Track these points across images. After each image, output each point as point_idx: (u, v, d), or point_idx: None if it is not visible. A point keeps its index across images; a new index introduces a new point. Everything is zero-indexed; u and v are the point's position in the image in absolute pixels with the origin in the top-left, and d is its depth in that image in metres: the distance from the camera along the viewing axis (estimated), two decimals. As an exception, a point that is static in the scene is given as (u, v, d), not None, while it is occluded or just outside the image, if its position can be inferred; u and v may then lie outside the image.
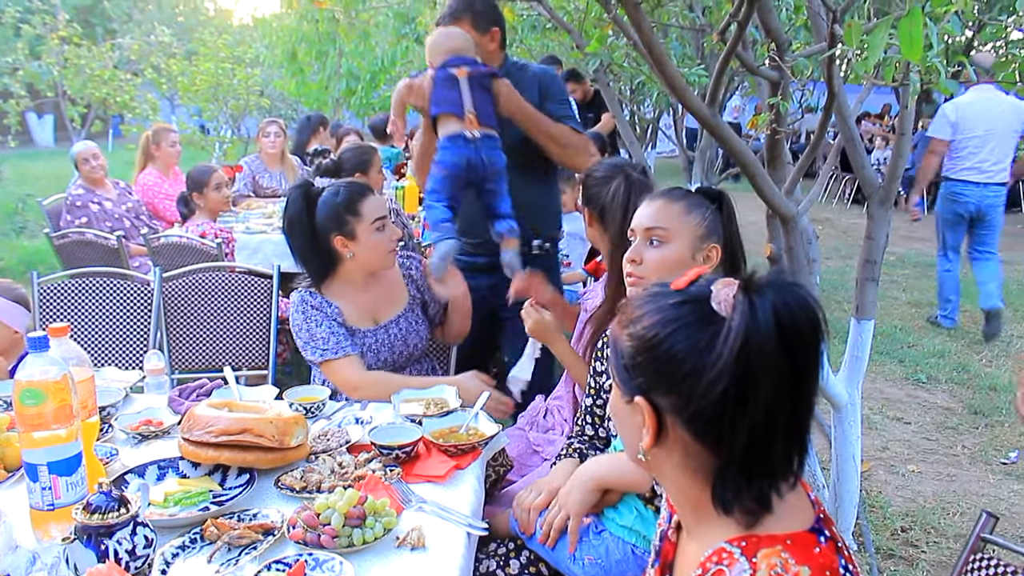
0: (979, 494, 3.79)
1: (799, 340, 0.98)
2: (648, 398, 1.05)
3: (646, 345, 1.04)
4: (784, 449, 1.02)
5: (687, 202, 1.99)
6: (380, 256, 2.65)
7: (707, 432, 1.02)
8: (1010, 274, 8.11)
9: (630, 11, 2.09)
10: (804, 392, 1.02)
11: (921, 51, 1.44)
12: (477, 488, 1.93)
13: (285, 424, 1.93)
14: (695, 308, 1.03)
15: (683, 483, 1.09)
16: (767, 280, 1.01)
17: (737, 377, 0.96)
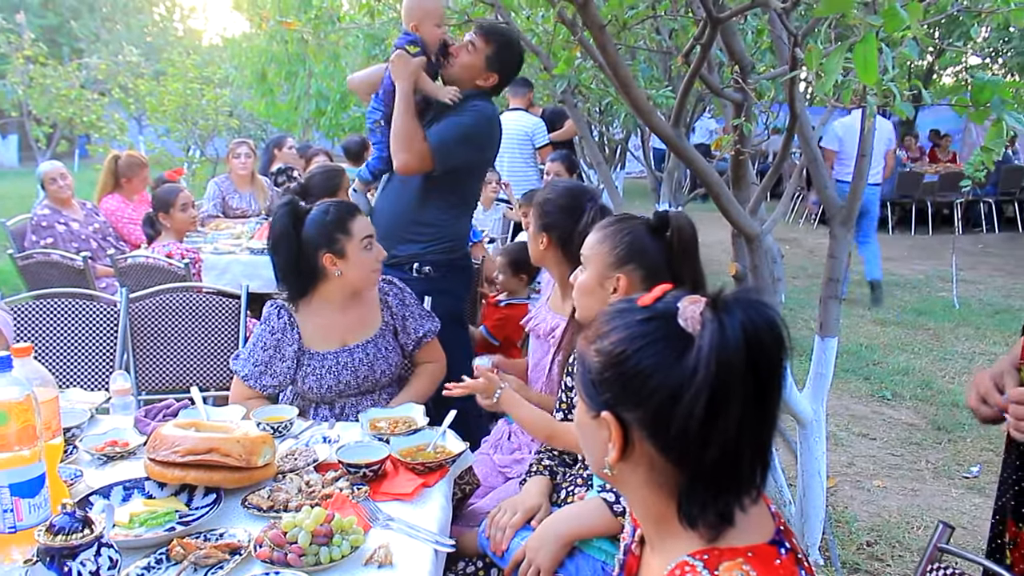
0: (942, 508, 3.85)
1: (765, 357, 1.00)
2: (615, 413, 1.06)
3: (613, 361, 1.06)
4: (749, 464, 1.04)
5: (605, 232, 2.08)
6: (366, 274, 2.67)
7: (673, 448, 1.03)
8: (971, 292, 8.27)
9: (595, 34, 2.13)
10: (769, 408, 1.03)
11: (876, 75, 1.49)
12: (444, 505, 1.94)
13: (252, 443, 1.92)
14: (662, 324, 1.04)
15: (648, 498, 1.10)
16: (734, 297, 1.03)
17: (705, 393, 0.97)
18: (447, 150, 3.10)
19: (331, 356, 2.66)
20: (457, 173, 3.22)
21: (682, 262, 2.03)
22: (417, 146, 3.10)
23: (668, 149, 2.90)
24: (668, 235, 2.04)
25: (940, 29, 12.91)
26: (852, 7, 1.52)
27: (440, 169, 3.13)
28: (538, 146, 6.33)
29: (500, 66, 3.22)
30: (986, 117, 1.92)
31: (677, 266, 2.02)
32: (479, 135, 3.22)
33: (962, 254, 9.94)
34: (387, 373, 2.75)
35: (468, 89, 3.24)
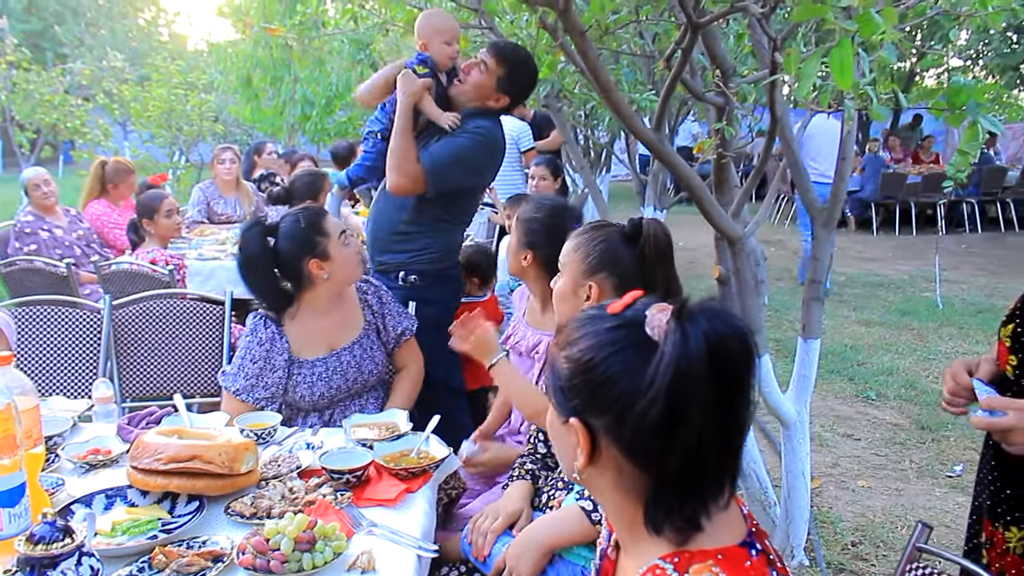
0: (926, 507, 3.87)
1: (730, 367, 1.01)
2: (582, 419, 1.07)
3: (581, 368, 1.07)
4: (716, 472, 1.05)
5: (579, 239, 2.10)
6: (352, 268, 2.70)
7: (639, 454, 1.04)
8: (955, 292, 8.33)
9: (576, 39, 2.14)
10: (735, 417, 1.04)
11: (852, 79, 1.50)
12: (428, 511, 1.94)
13: (235, 450, 1.92)
14: (630, 332, 1.05)
15: (618, 502, 1.11)
16: (699, 307, 1.03)
17: (669, 402, 0.98)
18: (441, 173, 3.08)
19: (320, 363, 2.66)
20: (451, 195, 3.20)
21: (655, 270, 2.04)
22: (410, 168, 3.08)
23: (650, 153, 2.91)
24: (641, 243, 2.05)
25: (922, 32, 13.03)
26: (828, 12, 1.54)
27: (433, 192, 3.11)
28: (523, 150, 6.34)
29: (512, 88, 3.17)
30: (962, 120, 1.94)
31: (650, 274, 2.03)
32: (476, 159, 3.17)
33: (945, 254, 10.01)
34: (375, 373, 2.77)
35: (478, 108, 3.20)
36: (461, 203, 3.32)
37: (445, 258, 3.32)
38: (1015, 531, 1.54)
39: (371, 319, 2.82)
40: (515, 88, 3.19)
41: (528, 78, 3.22)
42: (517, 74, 3.17)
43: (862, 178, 12.61)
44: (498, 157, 3.35)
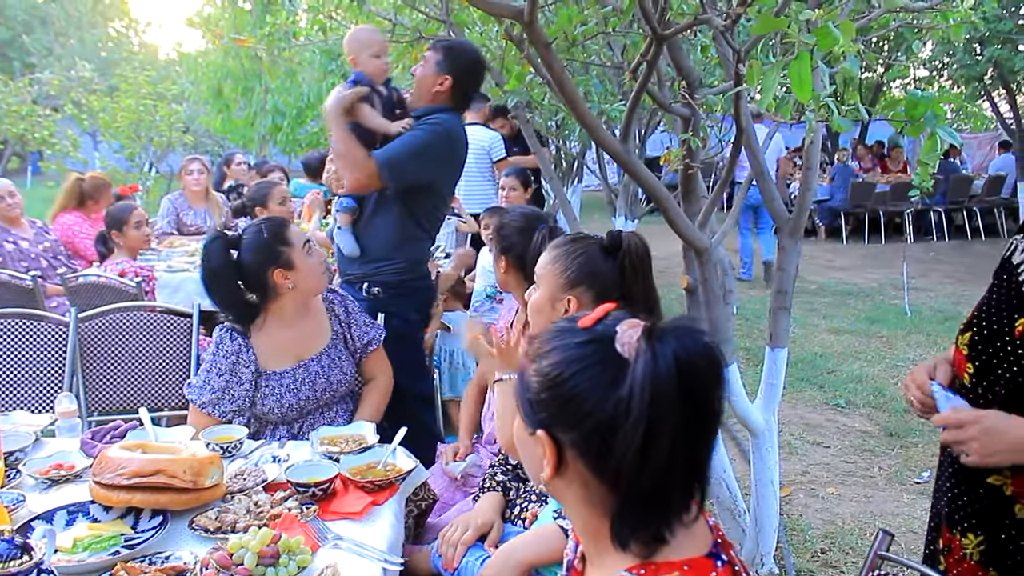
0: (894, 514, 3.91)
1: (699, 386, 1.01)
2: (549, 433, 1.07)
3: (550, 382, 1.06)
4: (683, 490, 1.05)
5: (557, 252, 2.07)
6: (317, 278, 2.70)
7: (606, 471, 1.04)
8: (923, 299, 8.42)
9: (541, 51, 2.15)
10: (703, 436, 1.04)
11: (810, 91, 1.52)
12: (394, 523, 1.93)
13: (200, 464, 1.91)
14: (599, 348, 1.05)
15: (583, 515, 1.11)
16: (669, 326, 1.04)
17: (637, 421, 0.98)
18: (397, 165, 3.09)
19: (288, 374, 2.65)
20: (412, 192, 3.20)
21: (634, 283, 2.04)
22: (360, 162, 3.11)
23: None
24: (620, 256, 2.05)
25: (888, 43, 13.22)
26: (786, 26, 1.56)
27: (393, 185, 3.12)
28: (495, 160, 6.35)
29: (451, 68, 3.20)
30: (921, 131, 1.97)
31: (629, 287, 2.03)
32: (433, 149, 3.18)
33: (913, 262, 10.13)
34: (343, 383, 2.76)
35: (429, 104, 3.24)
36: (424, 204, 3.30)
37: (410, 269, 3.31)
38: (972, 538, 1.56)
39: (338, 329, 2.82)
40: (454, 67, 3.21)
41: (465, 58, 3.26)
42: (453, 54, 3.22)
43: (832, 187, 12.75)
44: (458, 149, 3.35)
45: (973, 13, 2.92)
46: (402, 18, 4.03)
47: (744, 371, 5.75)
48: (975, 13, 2.93)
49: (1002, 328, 1.53)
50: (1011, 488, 1.50)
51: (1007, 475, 1.50)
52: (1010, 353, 1.49)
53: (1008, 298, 1.56)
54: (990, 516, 1.53)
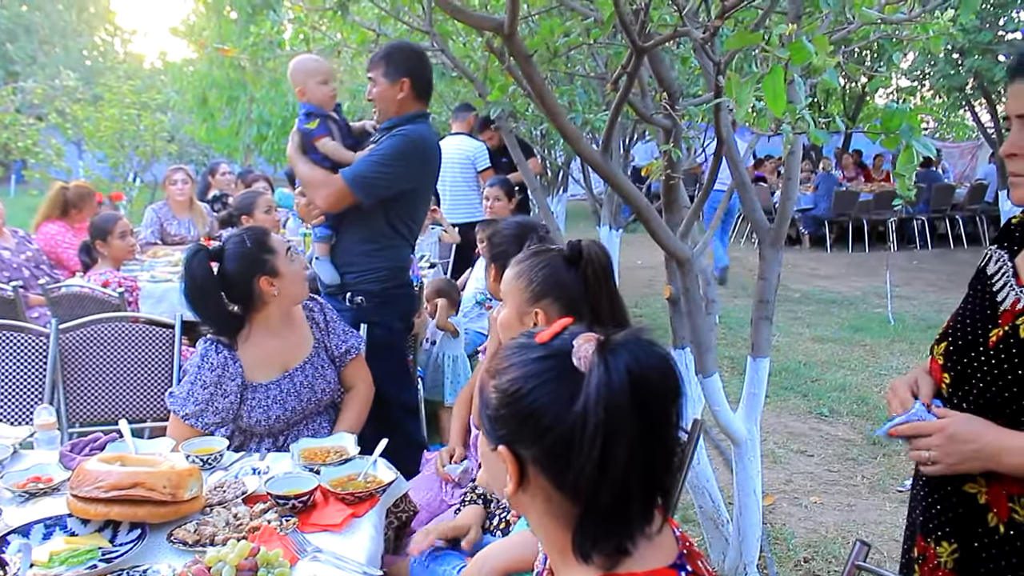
0: (877, 522, 3.92)
1: (652, 398, 1.02)
2: (511, 448, 1.08)
3: (509, 398, 1.07)
4: (643, 502, 1.06)
5: (521, 267, 2.06)
6: (301, 284, 2.72)
7: (566, 485, 1.04)
8: (906, 308, 8.47)
9: (521, 63, 2.16)
10: (661, 448, 1.05)
11: (784, 105, 1.54)
12: (374, 535, 1.93)
13: (179, 477, 1.90)
14: (557, 363, 1.05)
15: (547, 528, 1.11)
16: (622, 339, 1.05)
17: (592, 434, 0.99)
18: (367, 179, 3.11)
19: (274, 385, 2.65)
20: (387, 200, 3.21)
21: (599, 291, 2.03)
22: (330, 182, 3.14)
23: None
24: (583, 265, 2.04)
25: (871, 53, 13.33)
26: (761, 41, 1.57)
27: (367, 200, 3.13)
28: (479, 170, 6.37)
29: (402, 70, 3.21)
30: (897, 143, 1.99)
31: (595, 296, 2.03)
32: (400, 157, 3.18)
33: (897, 270, 10.19)
34: (327, 392, 2.77)
35: (397, 115, 3.25)
36: (400, 212, 3.30)
37: (392, 277, 3.32)
38: (946, 546, 1.56)
39: (319, 337, 2.83)
40: (401, 67, 3.22)
41: (406, 54, 3.27)
42: (395, 57, 3.23)
43: (816, 196, 12.83)
44: (430, 156, 3.35)
45: (952, 25, 2.96)
46: (386, 28, 4.04)
47: (728, 380, 5.77)
48: (953, 25, 2.96)
49: (976, 338, 1.53)
50: (985, 496, 1.50)
51: (982, 483, 1.50)
52: (984, 363, 1.50)
53: (982, 308, 1.57)
54: (964, 524, 1.54)
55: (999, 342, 1.48)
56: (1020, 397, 1.43)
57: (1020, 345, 1.44)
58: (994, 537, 1.48)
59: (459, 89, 6.43)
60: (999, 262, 1.60)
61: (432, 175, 3.45)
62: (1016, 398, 1.44)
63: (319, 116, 3.23)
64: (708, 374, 2.98)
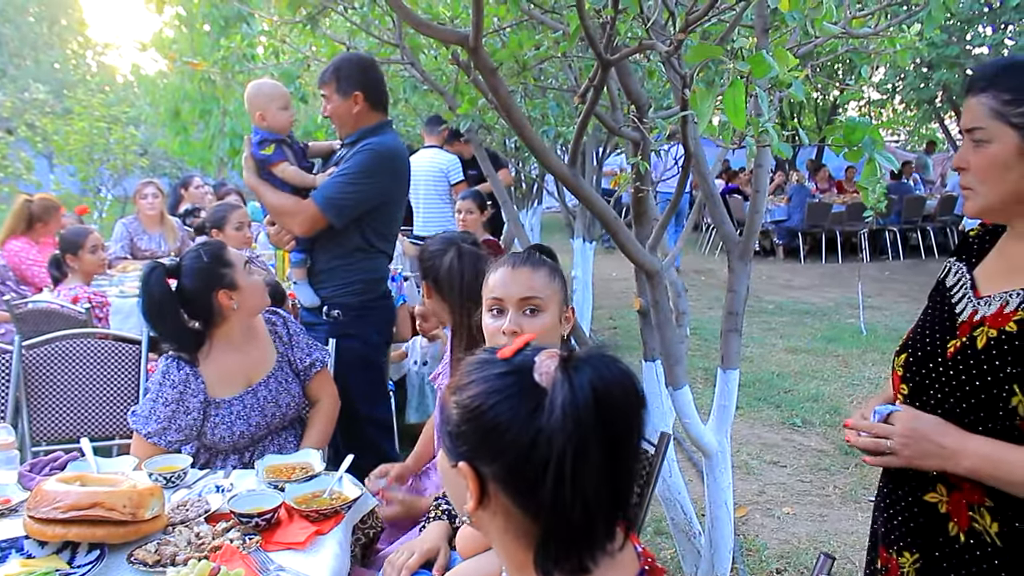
0: (849, 532, 3.94)
1: (616, 415, 1.02)
2: (472, 465, 1.07)
3: (471, 415, 1.06)
4: (606, 519, 1.05)
5: (549, 267, 2.02)
6: (260, 296, 2.71)
7: (528, 503, 1.04)
8: (878, 318, 8.54)
9: (486, 76, 2.15)
10: (624, 464, 1.04)
11: (744, 118, 1.54)
12: (339, 553, 1.91)
13: (139, 496, 1.87)
14: (519, 379, 1.05)
15: (508, 546, 1.10)
16: (585, 355, 1.04)
17: (555, 450, 0.98)
18: (337, 200, 3.11)
19: (238, 401, 2.62)
20: (361, 217, 3.21)
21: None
22: (301, 209, 3.15)
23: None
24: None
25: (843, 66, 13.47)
26: (721, 54, 1.58)
27: (340, 222, 3.13)
28: (453, 183, 6.37)
29: (351, 83, 3.21)
30: (860, 157, 2.00)
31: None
32: (369, 173, 3.18)
33: (869, 281, 10.27)
34: (292, 406, 2.74)
35: (354, 129, 3.26)
36: (377, 228, 3.30)
37: (368, 289, 3.31)
38: (908, 556, 1.57)
39: (283, 350, 2.80)
40: (354, 80, 3.22)
41: (355, 63, 3.28)
42: (344, 71, 3.24)
43: (789, 208, 12.93)
44: (399, 167, 3.35)
45: (918, 39, 2.99)
46: (356, 42, 4.02)
47: (702, 391, 5.79)
48: (920, 39, 3.00)
49: (935, 350, 1.54)
50: (946, 506, 1.51)
51: (943, 492, 1.51)
52: (942, 375, 1.51)
53: (941, 320, 1.58)
54: (925, 534, 1.54)
55: (956, 353, 1.49)
56: (976, 408, 1.45)
57: (977, 356, 1.45)
58: (955, 546, 1.49)
59: (432, 102, 6.42)
60: (958, 274, 1.62)
61: (404, 184, 3.44)
62: (973, 409, 1.45)
63: (274, 141, 3.22)
64: (678, 386, 2.98)
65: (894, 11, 3.29)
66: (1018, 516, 1.42)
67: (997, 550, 1.44)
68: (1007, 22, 9.57)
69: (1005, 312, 1.45)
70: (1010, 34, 9.82)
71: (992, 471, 1.42)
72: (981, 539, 1.46)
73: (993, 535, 1.44)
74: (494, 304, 1.98)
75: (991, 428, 1.44)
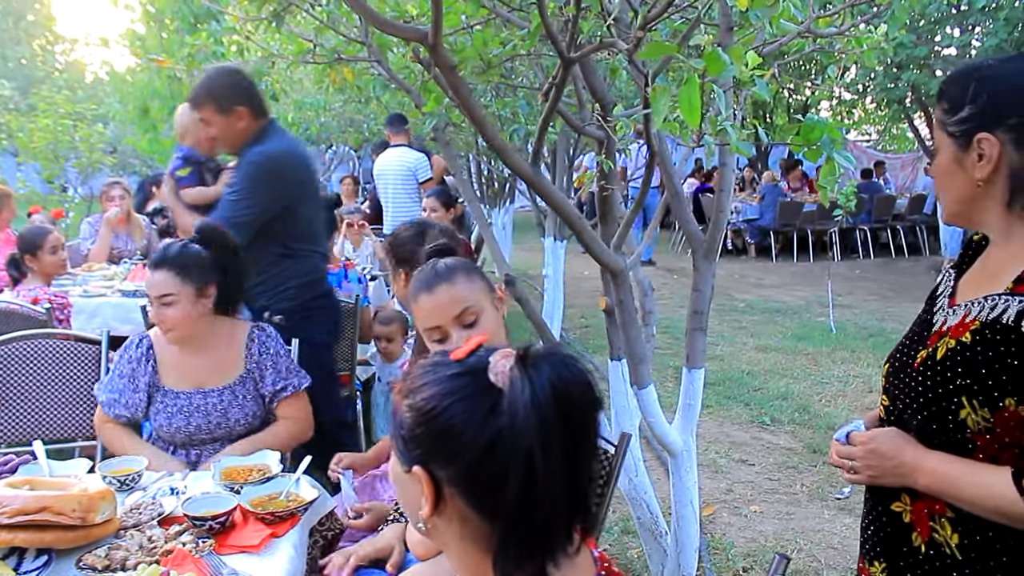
0: (815, 530, 3.96)
1: (575, 414, 1.00)
2: (426, 469, 1.04)
3: (424, 417, 1.03)
4: (565, 522, 1.03)
5: (459, 269, 1.94)
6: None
7: (485, 506, 1.02)
8: (848, 316, 8.60)
9: (446, 74, 2.13)
10: (582, 466, 1.03)
11: (699, 116, 1.53)
12: (294, 556, 1.88)
13: (90, 500, 1.84)
14: (473, 380, 1.03)
15: (465, 552, 1.08)
16: (543, 353, 1.02)
17: (514, 451, 0.96)
18: (231, 222, 3.09)
19: (184, 396, 2.60)
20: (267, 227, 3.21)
21: None
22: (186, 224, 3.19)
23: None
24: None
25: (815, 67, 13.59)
26: (676, 52, 1.57)
27: (244, 238, 3.11)
28: (421, 180, 6.34)
29: (230, 100, 3.18)
30: (819, 156, 2.00)
31: None
32: (257, 185, 3.16)
33: (840, 279, 10.36)
34: (241, 422, 2.65)
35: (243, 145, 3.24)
36: (290, 232, 3.28)
37: (304, 292, 3.31)
38: (877, 566, 1.56)
39: (251, 367, 2.70)
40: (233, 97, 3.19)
41: (225, 78, 3.24)
42: (217, 89, 3.20)
43: (761, 206, 13.00)
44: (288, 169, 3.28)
45: (884, 39, 3.01)
46: (323, 39, 3.99)
47: (673, 390, 5.78)
48: (886, 40, 3.01)
49: (908, 360, 1.52)
50: (909, 515, 1.50)
51: (907, 502, 1.50)
52: (907, 384, 1.49)
53: (920, 329, 1.56)
54: (892, 544, 1.53)
55: (920, 364, 1.47)
56: (930, 420, 1.44)
57: (934, 367, 1.43)
58: (917, 557, 1.48)
59: (403, 99, 6.39)
60: (948, 281, 1.59)
61: (300, 184, 3.36)
62: (928, 420, 1.44)
63: (194, 163, 3.22)
64: (643, 385, 2.97)
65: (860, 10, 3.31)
66: (979, 528, 1.40)
67: (956, 562, 1.42)
68: (974, 24, 9.67)
69: (966, 321, 1.42)
70: (977, 36, 9.91)
71: (945, 488, 1.42)
72: (941, 550, 1.44)
73: (953, 546, 1.42)
74: (433, 334, 1.90)
75: (944, 441, 1.42)
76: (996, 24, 8.98)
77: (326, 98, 8.08)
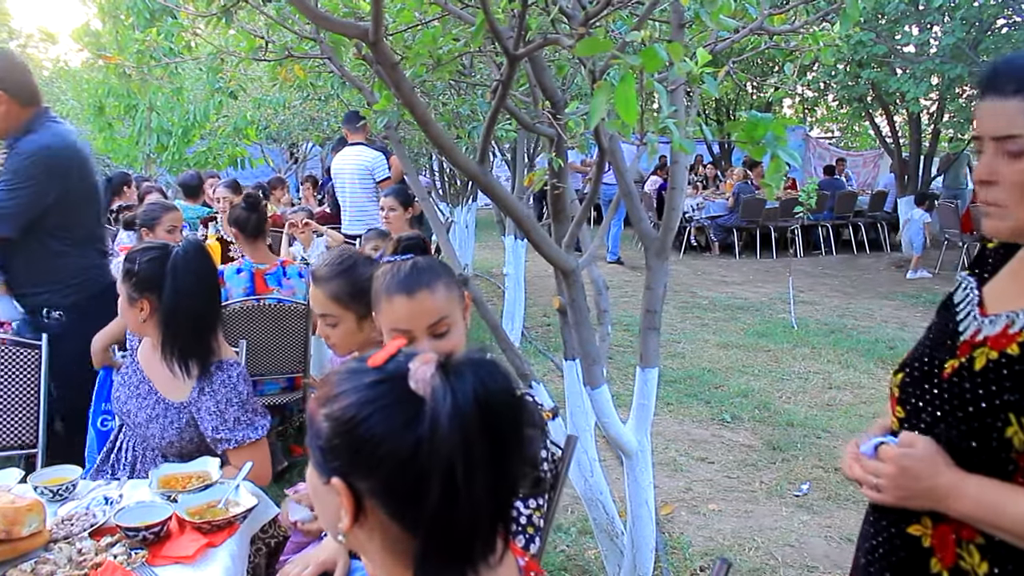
0: (773, 527, 3.96)
1: (500, 422, 0.97)
2: (346, 480, 1.01)
3: (343, 427, 1.00)
4: (487, 531, 1.00)
5: (441, 277, 1.89)
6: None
7: (406, 517, 0.99)
8: (809, 313, 8.66)
9: (387, 71, 2.08)
10: (507, 475, 1.00)
11: (635, 113, 1.50)
12: (230, 566, 1.83)
13: (15, 512, 1.77)
14: (392, 387, 0.99)
15: (386, 564, 1.05)
16: (465, 360, 0.99)
17: (436, 460, 0.93)
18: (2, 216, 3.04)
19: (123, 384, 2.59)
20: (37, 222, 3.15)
21: None
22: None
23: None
24: None
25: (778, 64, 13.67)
26: (611, 49, 1.54)
27: (14, 232, 3.08)
28: (378, 179, 6.27)
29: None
30: (764, 153, 1.98)
31: None
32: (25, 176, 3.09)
33: (803, 276, 10.45)
34: (175, 446, 2.47)
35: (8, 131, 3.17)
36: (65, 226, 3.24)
37: (83, 288, 3.30)
38: None
39: (194, 398, 2.45)
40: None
41: None
42: None
43: (727, 204, 13.08)
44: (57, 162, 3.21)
45: (837, 36, 3.00)
46: (275, 36, 3.92)
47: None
48: (839, 36, 3.01)
49: (932, 370, 1.43)
50: (930, 540, 1.40)
51: (928, 524, 1.40)
52: (935, 398, 1.39)
53: (943, 338, 1.46)
54: (905, 570, 1.44)
55: (953, 374, 1.37)
56: (968, 436, 1.32)
57: (973, 379, 1.32)
58: None
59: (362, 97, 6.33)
60: (966, 290, 1.48)
61: (72, 177, 3.28)
62: (964, 436, 1.33)
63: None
64: (596, 385, 2.95)
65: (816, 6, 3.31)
66: (1012, 557, 1.29)
67: None
68: (932, 22, 9.77)
69: (1009, 332, 1.31)
70: (934, 34, 10.03)
71: (985, 515, 1.30)
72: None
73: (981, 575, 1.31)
74: (398, 335, 1.81)
75: (983, 460, 1.31)
76: (953, 23, 9.09)
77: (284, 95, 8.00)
